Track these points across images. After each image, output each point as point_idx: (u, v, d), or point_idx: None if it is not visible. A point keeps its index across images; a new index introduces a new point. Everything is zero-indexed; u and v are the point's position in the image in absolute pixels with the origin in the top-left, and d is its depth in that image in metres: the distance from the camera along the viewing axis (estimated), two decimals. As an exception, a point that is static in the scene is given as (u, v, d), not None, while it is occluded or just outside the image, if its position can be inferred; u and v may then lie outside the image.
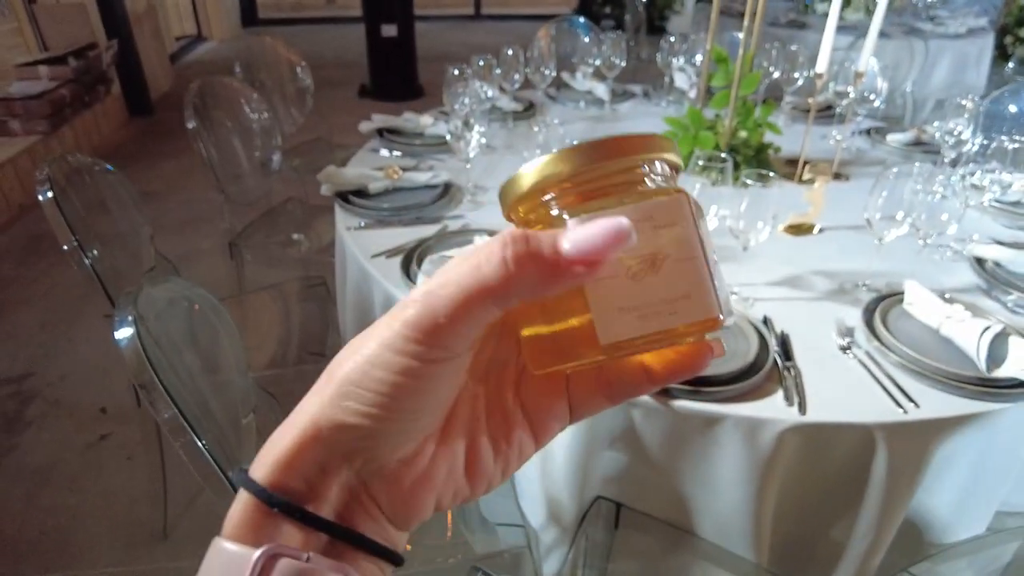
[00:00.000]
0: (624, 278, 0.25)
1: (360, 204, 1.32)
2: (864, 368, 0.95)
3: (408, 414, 0.26)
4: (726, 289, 0.28)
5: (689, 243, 0.26)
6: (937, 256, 1.24)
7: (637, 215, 0.25)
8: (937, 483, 0.98)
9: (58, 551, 1.57)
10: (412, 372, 0.25)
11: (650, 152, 0.28)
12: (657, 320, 0.25)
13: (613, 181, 0.27)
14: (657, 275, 0.25)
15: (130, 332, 0.80)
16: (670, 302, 0.25)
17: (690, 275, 0.25)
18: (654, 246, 0.25)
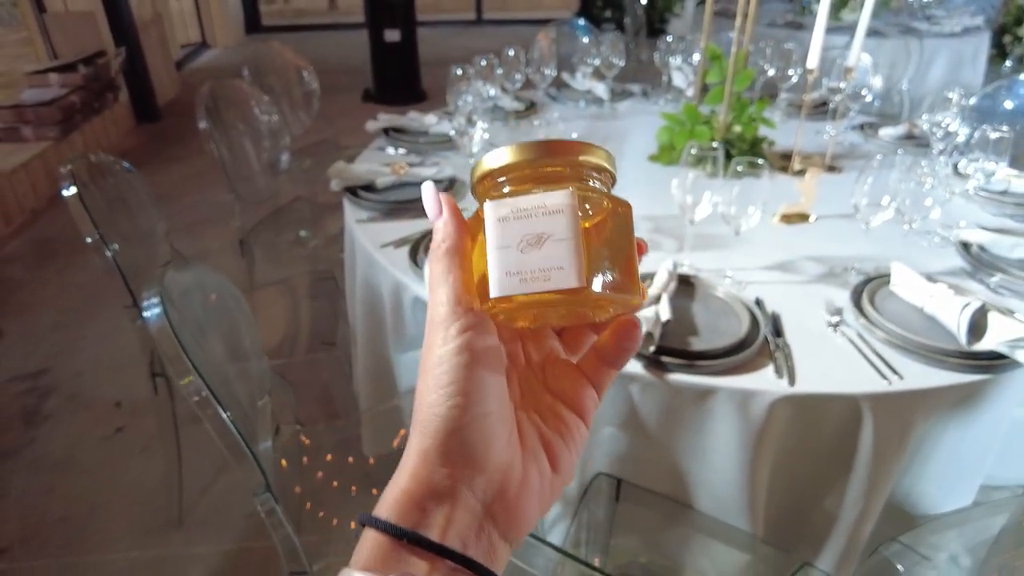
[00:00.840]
0: (515, 249, 0.32)
1: (368, 198, 1.38)
2: (851, 344, 0.99)
3: (478, 394, 0.32)
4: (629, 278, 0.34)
5: (568, 227, 0.32)
6: (924, 242, 1.29)
7: (533, 202, 0.32)
8: (923, 456, 1.02)
9: (77, 538, 1.63)
10: (463, 348, 0.32)
11: (575, 154, 0.35)
12: (534, 283, 0.31)
13: (543, 173, 0.34)
14: (540, 250, 0.31)
15: (158, 310, 0.86)
16: (545, 271, 0.31)
17: (564, 252, 0.31)
18: (542, 227, 0.32)
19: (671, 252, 1.24)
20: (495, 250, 0.32)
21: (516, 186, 0.35)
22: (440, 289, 0.33)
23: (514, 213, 0.33)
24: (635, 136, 1.88)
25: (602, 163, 0.36)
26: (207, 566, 1.54)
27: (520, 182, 0.35)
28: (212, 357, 1.03)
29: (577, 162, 0.35)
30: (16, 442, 1.92)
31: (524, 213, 0.32)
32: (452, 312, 0.33)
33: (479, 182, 0.36)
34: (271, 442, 1.09)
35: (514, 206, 0.33)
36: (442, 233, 0.34)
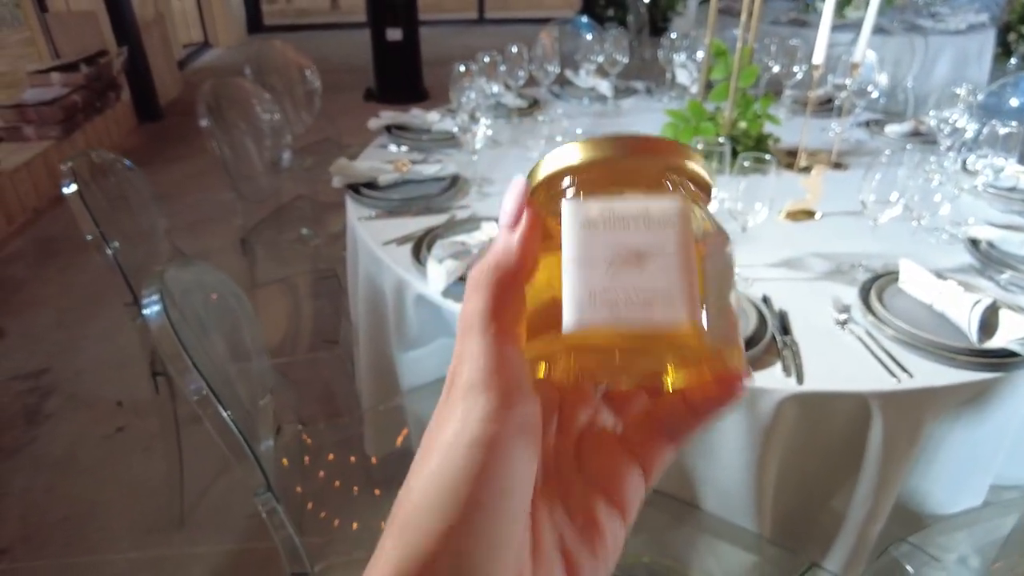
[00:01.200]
0: (603, 264, 0.25)
1: (371, 195, 1.37)
2: (860, 342, 0.98)
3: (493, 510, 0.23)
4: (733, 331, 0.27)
5: (679, 246, 0.25)
6: (932, 239, 1.28)
7: (632, 209, 0.25)
8: (933, 455, 1.01)
9: (79, 538, 1.62)
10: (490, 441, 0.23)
11: (671, 156, 0.28)
12: (627, 312, 0.24)
13: (629, 176, 0.27)
14: (639, 269, 0.25)
15: (158, 307, 0.84)
16: (646, 296, 0.24)
17: (673, 274, 0.24)
18: (643, 241, 0.25)
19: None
20: (576, 264, 0.25)
21: (602, 188, 0.27)
22: (476, 337, 0.25)
23: (605, 219, 0.26)
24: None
25: (704, 175, 0.29)
26: (208, 566, 1.53)
27: (607, 184, 0.27)
28: (213, 356, 1.02)
29: (682, 167, 0.28)
30: (17, 441, 1.91)
31: (620, 220, 0.26)
32: (487, 380, 0.24)
33: (547, 184, 0.28)
34: (272, 441, 1.08)
35: (606, 209, 0.26)
36: (500, 254, 0.26)
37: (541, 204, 0.29)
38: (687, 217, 0.25)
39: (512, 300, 0.25)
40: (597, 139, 0.27)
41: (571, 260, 0.25)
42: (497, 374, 0.24)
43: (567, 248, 0.25)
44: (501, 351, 0.24)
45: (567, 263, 0.25)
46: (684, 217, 0.25)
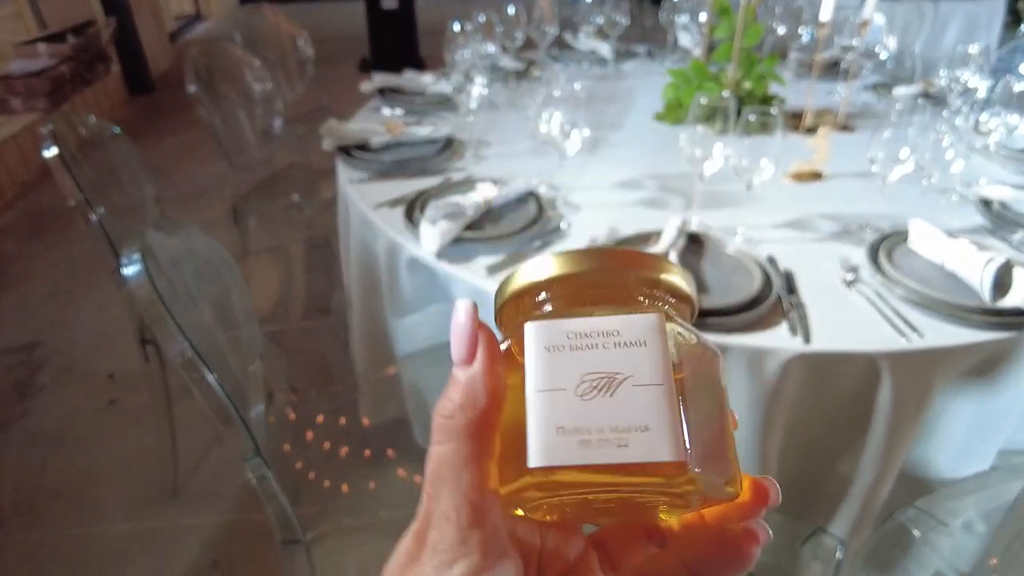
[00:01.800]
0: (571, 395, 0.22)
1: (362, 157, 1.32)
2: (868, 302, 0.95)
3: None
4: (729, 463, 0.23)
5: (656, 367, 0.22)
6: (943, 200, 1.24)
7: (601, 325, 0.23)
8: (942, 418, 0.98)
9: (73, 509, 1.60)
10: None
11: (646, 269, 0.25)
12: (601, 450, 0.21)
13: (600, 292, 0.25)
14: (611, 398, 0.22)
15: (138, 267, 0.81)
16: (621, 431, 0.21)
17: (651, 404, 0.21)
18: (616, 364, 0.22)
19: (679, 210, 1.19)
20: (541, 394, 0.22)
21: (570, 307, 0.25)
22: (448, 490, 0.22)
23: (572, 340, 0.23)
24: (640, 96, 1.81)
25: (684, 288, 0.26)
26: (202, 537, 1.52)
27: (575, 302, 0.25)
28: (200, 322, 0.98)
29: (659, 281, 0.25)
30: (9, 415, 1.89)
31: (588, 341, 0.23)
32: (463, 540, 0.21)
33: (511, 302, 0.26)
34: (263, 408, 1.05)
35: (572, 330, 0.23)
36: (464, 394, 0.23)
37: (509, 323, 0.26)
38: (663, 332, 0.23)
39: (485, 445, 0.22)
40: (566, 253, 0.25)
41: (535, 389, 0.22)
42: (473, 533, 0.22)
43: (530, 376, 0.23)
44: (477, 506, 0.22)
45: (530, 393, 0.22)
46: (660, 333, 0.23)
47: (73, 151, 1.34)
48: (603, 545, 0.28)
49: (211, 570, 1.45)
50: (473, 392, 0.23)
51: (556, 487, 0.22)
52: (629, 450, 0.21)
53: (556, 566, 0.27)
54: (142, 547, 1.51)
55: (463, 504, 0.22)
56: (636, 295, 0.25)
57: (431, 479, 0.22)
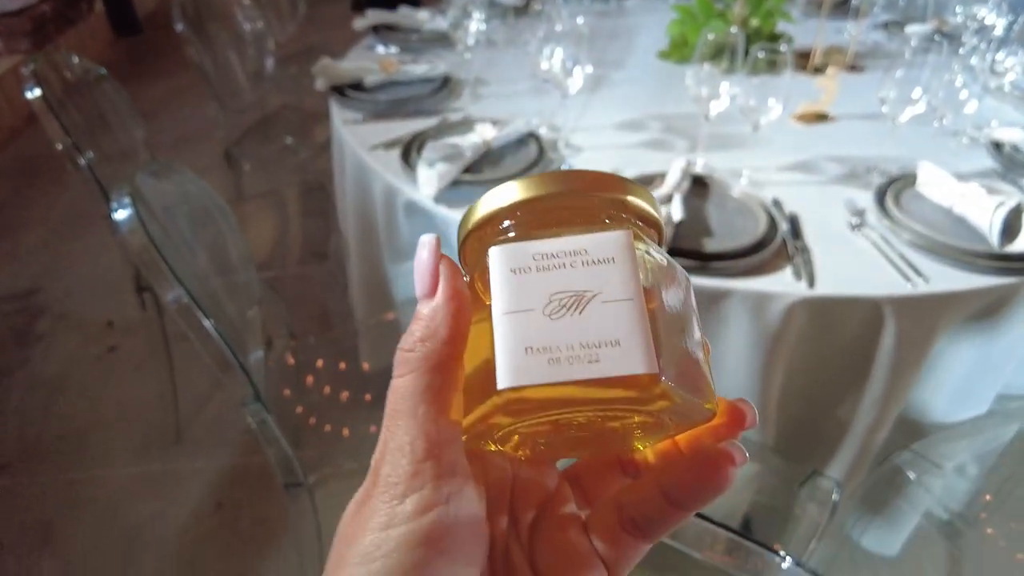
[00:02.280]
0: (539, 315, 0.21)
1: (356, 97, 1.28)
2: (874, 246, 0.93)
3: None
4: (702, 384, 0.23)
5: (625, 283, 0.21)
6: (953, 143, 1.21)
7: (569, 245, 0.22)
8: (942, 363, 0.98)
9: (77, 454, 1.62)
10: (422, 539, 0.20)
11: (612, 191, 0.25)
12: (571, 367, 0.20)
13: (566, 216, 0.24)
14: (580, 315, 0.21)
15: (129, 212, 0.79)
16: (591, 347, 0.21)
17: (622, 319, 0.21)
18: (584, 282, 0.22)
19: (684, 152, 1.16)
20: (508, 316, 0.22)
21: (536, 231, 0.24)
22: (404, 422, 0.21)
23: (538, 261, 0.22)
24: (643, 34, 1.75)
25: (651, 211, 0.26)
26: (206, 480, 1.54)
27: (540, 226, 0.24)
28: (196, 268, 0.97)
29: (626, 203, 0.25)
30: (9, 362, 1.89)
31: (555, 261, 0.22)
32: (416, 471, 0.21)
33: (475, 232, 0.25)
34: (262, 354, 1.05)
35: (538, 251, 0.23)
36: (426, 326, 0.22)
37: (473, 257, 0.26)
38: (631, 249, 0.22)
39: (445, 377, 0.22)
40: (528, 178, 0.24)
41: (501, 312, 0.22)
42: (427, 466, 0.21)
43: (496, 299, 0.22)
44: (433, 438, 0.21)
45: (497, 316, 0.22)
46: (628, 249, 0.22)
47: (58, 94, 1.30)
48: (578, 480, 0.28)
49: (216, 512, 1.47)
50: (434, 324, 0.22)
51: (526, 409, 0.21)
52: (600, 365, 0.20)
53: (529, 500, 0.27)
54: (147, 490, 1.53)
55: (418, 436, 0.21)
56: (602, 216, 0.25)
57: (389, 412, 0.22)
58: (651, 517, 0.23)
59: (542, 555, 0.25)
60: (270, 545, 1.40)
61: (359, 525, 0.21)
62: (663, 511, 0.23)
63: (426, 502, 0.20)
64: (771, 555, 0.52)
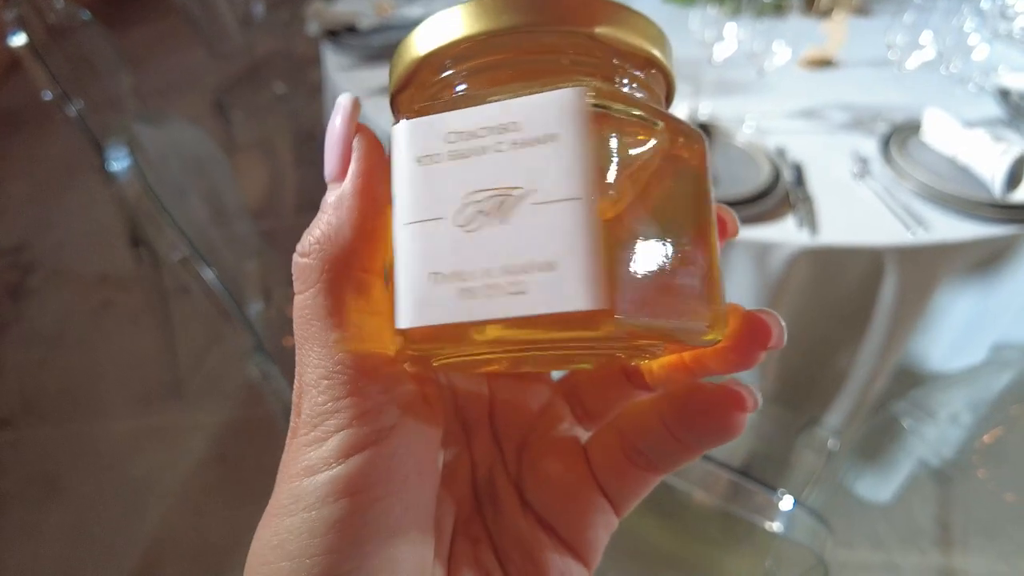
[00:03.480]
0: (450, 225, 0.16)
1: (350, 42, 1.24)
2: (877, 196, 0.93)
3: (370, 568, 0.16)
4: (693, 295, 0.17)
5: (570, 174, 0.15)
6: (959, 90, 1.19)
7: (492, 119, 0.16)
8: (942, 312, 0.99)
9: (78, 407, 1.63)
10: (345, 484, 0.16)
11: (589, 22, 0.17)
12: (488, 302, 0.15)
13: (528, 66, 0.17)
14: (504, 225, 0.15)
15: (127, 163, 0.77)
16: (516, 272, 0.15)
17: (559, 229, 0.15)
18: (508, 176, 0.15)
19: (688, 98, 1.14)
20: (409, 228, 0.16)
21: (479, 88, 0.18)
22: (314, 354, 0.17)
23: (452, 144, 0.16)
24: (644, -22, 1.70)
25: (648, 48, 0.18)
26: (209, 433, 1.55)
27: (486, 83, 0.18)
28: (193, 219, 0.96)
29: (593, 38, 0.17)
30: (4, 317, 1.88)
31: (474, 143, 0.16)
32: (334, 410, 0.17)
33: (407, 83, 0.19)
34: (262, 305, 1.04)
35: (453, 128, 0.16)
36: (328, 221, 0.17)
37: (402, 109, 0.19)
38: (584, 117, 0.15)
39: (356, 290, 0.17)
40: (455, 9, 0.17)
41: (402, 222, 0.16)
42: (350, 400, 0.17)
43: (397, 202, 0.16)
44: (352, 367, 0.17)
45: (397, 227, 0.16)
46: (579, 117, 0.15)
47: (43, 39, 1.25)
48: (575, 392, 0.23)
49: (220, 464, 1.49)
50: (338, 220, 0.17)
51: (439, 351, 0.17)
52: (526, 298, 0.15)
53: (514, 421, 0.22)
54: (150, 443, 1.55)
55: (334, 368, 0.17)
56: (574, 67, 0.17)
57: (297, 337, 0.18)
58: (657, 450, 0.20)
59: (533, 486, 0.21)
60: (274, 494, 1.42)
61: (282, 472, 0.18)
62: (669, 446, 0.19)
63: (351, 444, 0.17)
64: (771, 494, 0.53)
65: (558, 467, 0.21)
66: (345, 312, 0.17)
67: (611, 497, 0.20)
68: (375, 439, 0.17)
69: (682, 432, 0.19)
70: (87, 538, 1.37)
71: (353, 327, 0.17)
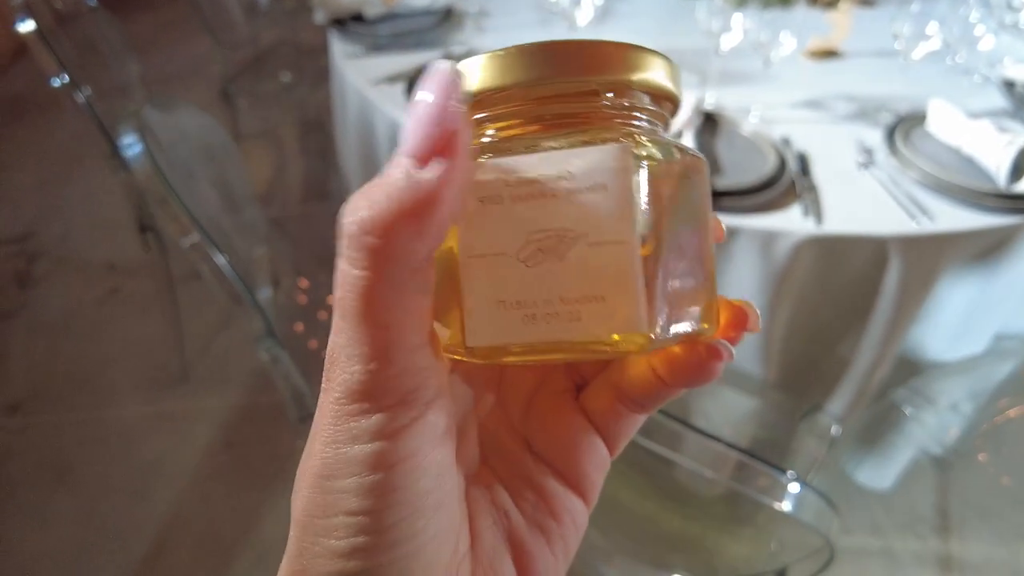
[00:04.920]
0: (514, 260, 0.18)
1: (357, 31, 1.25)
2: (881, 185, 0.93)
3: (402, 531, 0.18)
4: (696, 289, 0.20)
5: (617, 219, 0.18)
6: (965, 81, 1.19)
7: (548, 168, 0.18)
8: (944, 301, 0.99)
9: (86, 394, 1.64)
10: (380, 459, 0.18)
11: (611, 69, 0.19)
12: (549, 326, 0.18)
13: (552, 109, 0.20)
14: (561, 262, 0.18)
15: (139, 148, 0.78)
16: (572, 303, 0.18)
17: (608, 267, 0.18)
18: (564, 219, 0.18)
19: (694, 87, 1.14)
20: (477, 260, 0.19)
21: (515, 133, 0.20)
22: (354, 323, 0.17)
23: (513, 188, 0.18)
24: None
25: (666, 85, 0.21)
26: (216, 419, 1.57)
27: (520, 125, 0.20)
28: (204, 206, 0.96)
29: (626, 84, 0.20)
30: (11, 304, 1.90)
31: (533, 188, 0.18)
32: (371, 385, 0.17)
33: None
34: (271, 292, 1.05)
35: (513, 175, 0.18)
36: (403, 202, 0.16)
37: None
38: (628, 169, 0.18)
39: (422, 281, 0.17)
40: (498, 54, 0.19)
41: (469, 254, 0.18)
42: (386, 376, 0.17)
43: (464, 236, 0.19)
44: (390, 343, 0.17)
45: (464, 257, 0.19)
46: (624, 171, 0.18)
47: (50, 25, 1.26)
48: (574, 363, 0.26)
49: (227, 450, 1.51)
50: (414, 206, 0.16)
51: (501, 357, 0.20)
52: (581, 324, 0.18)
53: (521, 387, 0.25)
54: (158, 429, 1.56)
55: (373, 340, 0.17)
56: (600, 108, 0.20)
57: (337, 306, 0.18)
58: (645, 392, 0.22)
59: (537, 435, 0.24)
60: (281, 481, 1.44)
61: (321, 431, 0.18)
62: (656, 388, 0.22)
63: (392, 421, 0.18)
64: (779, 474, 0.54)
65: (558, 416, 0.24)
66: (393, 299, 0.17)
67: (606, 437, 0.24)
68: (416, 415, 0.18)
69: (671, 379, 0.21)
70: (96, 523, 1.38)
71: (412, 320, 0.17)
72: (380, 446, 0.18)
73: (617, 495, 0.92)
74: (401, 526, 0.18)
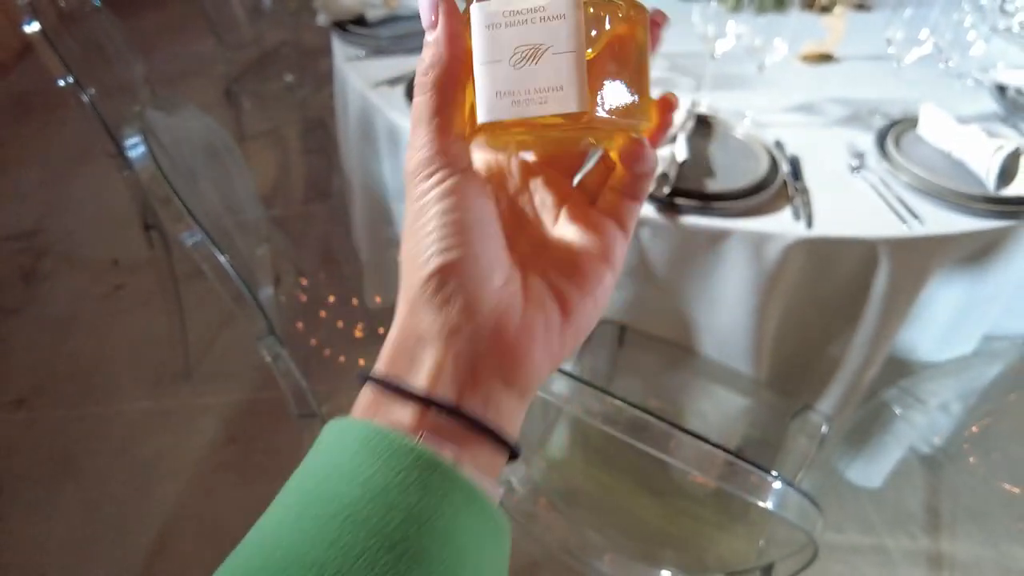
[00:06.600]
0: (507, 65, 0.27)
1: (359, 33, 1.27)
2: (872, 188, 0.95)
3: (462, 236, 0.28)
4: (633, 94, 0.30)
5: (570, 38, 0.27)
6: (957, 85, 1.21)
7: (528, 3, 0.27)
8: (934, 303, 1.01)
9: (90, 390, 1.67)
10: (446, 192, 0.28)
11: None
12: (528, 107, 0.27)
13: None
14: (536, 65, 0.27)
15: (143, 149, 0.80)
16: (542, 91, 0.27)
17: (565, 68, 0.27)
18: (539, 37, 0.27)
19: (688, 91, 1.16)
20: (484, 65, 0.28)
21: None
22: (421, 130, 0.29)
23: (506, 17, 0.28)
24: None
25: None
26: (218, 415, 1.59)
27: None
28: (207, 205, 0.98)
29: None
30: (16, 301, 1.92)
31: (518, 18, 0.28)
32: (432, 159, 0.29)
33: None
34: (272, 290, 1.07)
35: (506, 7, 0.28)
36: (431, 55, 0.28)
37: None
38: (579, 7, 0.27)
39: (450, 97, 0.28)
40: None
41: (479, 62, 0.28)
42: (441, 154, 0.28)
43: (476, 50, 0.28)
44: (443, 137, 0.28)
45: (476, 65, 0.28)
46: (576, 8, 0.27)
47: (55, 26, 1.28)
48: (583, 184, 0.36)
49: (229, 445, 1.53)
50: (438, 52, 0.28)
51: (502, 133, 0.29)
52: (547, 105, 0.27)
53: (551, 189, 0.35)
54: (161, 424, 1.59)
55: (432, 137, 0.28)
56: None
57: (412, 123, 0.29)
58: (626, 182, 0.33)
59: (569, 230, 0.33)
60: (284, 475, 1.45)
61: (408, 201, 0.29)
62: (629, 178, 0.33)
63: (444, 175, 0.28)
64: (764, 474, 0.56)
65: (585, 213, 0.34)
66: (441, 109, 0.28)
67: (618, 222, 0.33)
68: (459, 170, 0.29)
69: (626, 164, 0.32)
70: (100, 516, 1.41)
71: (445, 116, 0.28)
72: (442, 188, 0.28)
73: (611, 493, 0.94)
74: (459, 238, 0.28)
